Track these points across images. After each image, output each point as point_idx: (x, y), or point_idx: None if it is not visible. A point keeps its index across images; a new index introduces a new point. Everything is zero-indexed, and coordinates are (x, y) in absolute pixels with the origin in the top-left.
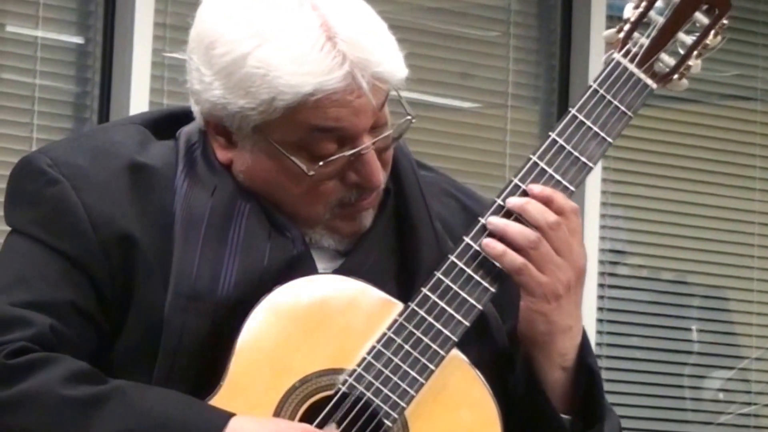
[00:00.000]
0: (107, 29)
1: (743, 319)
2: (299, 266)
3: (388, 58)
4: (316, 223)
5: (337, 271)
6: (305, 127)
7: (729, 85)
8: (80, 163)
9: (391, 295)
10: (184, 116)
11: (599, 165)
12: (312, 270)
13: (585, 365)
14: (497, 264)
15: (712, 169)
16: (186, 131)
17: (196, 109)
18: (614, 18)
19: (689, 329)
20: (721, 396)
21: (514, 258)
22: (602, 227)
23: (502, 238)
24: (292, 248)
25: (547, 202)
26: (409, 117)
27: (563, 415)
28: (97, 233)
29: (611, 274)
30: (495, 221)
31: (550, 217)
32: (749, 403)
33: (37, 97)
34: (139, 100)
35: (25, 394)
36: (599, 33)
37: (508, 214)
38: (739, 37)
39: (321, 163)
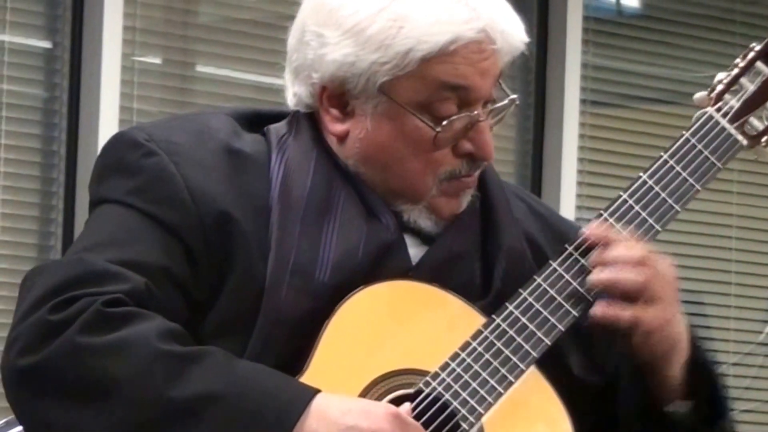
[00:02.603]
0: (75, 33)
1: (721, 324)
2: (392, 252)
3: (513, 18)
4: (421, 198)
5: (426, 253)
6: (434, 84)
7: (705, 86)
8: (178, 140)
9: (473, 280)
10: (269, 117)
11: (574, 166)
12: (404, 256)
13: (699, 361)
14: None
15: None
16: (274, 127)
17: (300, 90)
18: (590, 19)
19: None
20: None
21: (628, 317)
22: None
23: (611, 289)
24: (387, 234)
25: (610, 241)
26: (514, 96)
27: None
28: (195, 204)
29: None
30: (602, 277)
31: (635, 253)
32: None
33: (5, 103)
34: (108, 104)
35: (122, 342)
36: (576, 36)
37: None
38: (715, 37)
39: (445, 122)
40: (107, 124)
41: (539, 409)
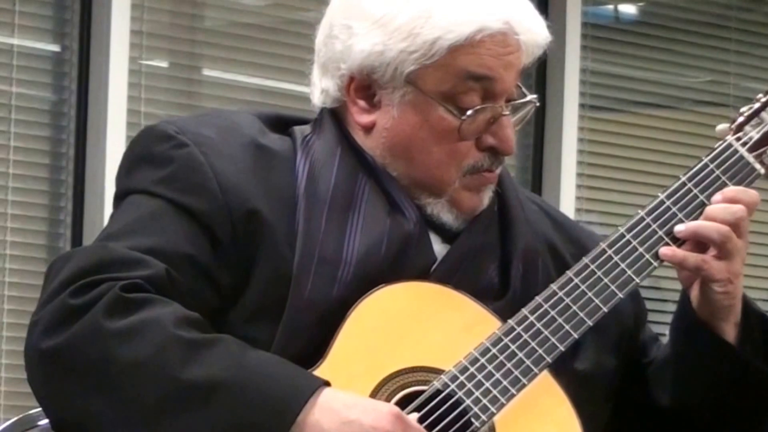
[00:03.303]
0: (83, 37)
1: None
2: (415, 244)
3: (536, 16)
4: (444, 191)
5: (450, 250)
6: (459, 74)
7: (702, 91)
8: (207, 134)
9: (492, 279)
10: (292, 120)
11: (573, 170)
12: (428, 250)
13: (753, 313)
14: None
15: None
16: (299, 128)
17: (328, 84)
18: (589, 25)
19: (663, 335)
20: None
21: (694, 259)
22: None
23: (694, 236)
24: (409, 226)
25: (733, 201)
26: (533, 96)
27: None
28: (223, 194)
29: None
30: (684, 226)
31: (738, 211)
32: None
33: (13, 105)
34: (116, 107)
35: (138, 326)
36: (575, 42)
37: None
38: (711, 43)
39: (469, 112)
40: (115, 127)
41: (550, 412)
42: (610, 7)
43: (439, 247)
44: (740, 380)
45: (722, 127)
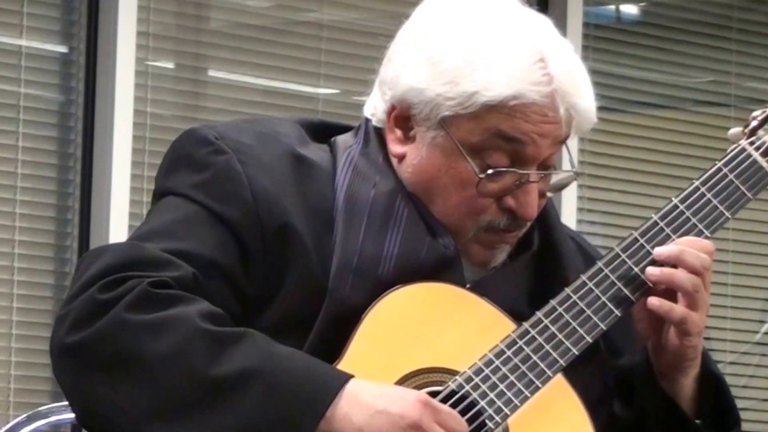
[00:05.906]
0: (91, 38)
1: (717, 324)
2: (451, 267)
3: (587, 98)
4: (457, 238)
5: (480, 280)
6: (491, 131)
7: (703, 91)
8: (246, 141)
9: (521, 312)
10: (335, 128)
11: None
12: (460, 274)
13: (710, 373)
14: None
15: (686, 175)
16: (341, 139)
17: (379, 104)
18: (590, 26)
19: None
20: None
21: (681, 311)
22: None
23: (668, 283)
24: (446, 251)
25: (694, 247)
26: (574, 170)
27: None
28: (257, 204)
29: None
30: (659, 271)
31: (706, 260)
32: None
33: (22, 106)
34: (123, 108)
35: (165, 320)
36: (576, 42)
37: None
38: (713, 43)
39: (491, 171)
40: (122, 127)
41: (563, 415)
42: (612, 7)
43: (470, 276)
44: None
45: (735, 131)
